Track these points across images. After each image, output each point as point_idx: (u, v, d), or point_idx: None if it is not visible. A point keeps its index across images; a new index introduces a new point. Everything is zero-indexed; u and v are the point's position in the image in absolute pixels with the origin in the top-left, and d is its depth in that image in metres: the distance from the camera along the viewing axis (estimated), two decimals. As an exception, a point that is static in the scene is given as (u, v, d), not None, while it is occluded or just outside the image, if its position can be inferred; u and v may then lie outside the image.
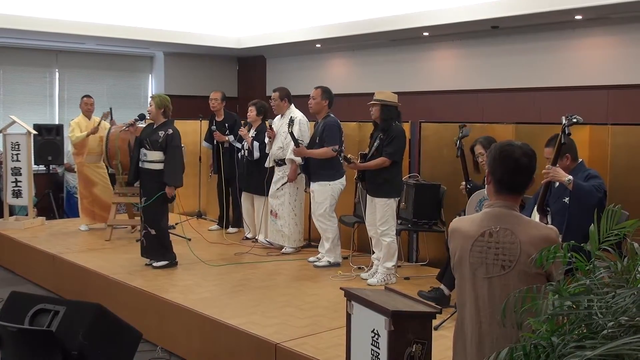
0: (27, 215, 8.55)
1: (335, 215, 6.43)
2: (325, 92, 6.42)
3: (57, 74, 11.06)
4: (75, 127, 8.02)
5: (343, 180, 6.41)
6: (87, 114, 8.16)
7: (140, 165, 6.24)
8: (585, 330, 1.68)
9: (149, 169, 6.18)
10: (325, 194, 6.31)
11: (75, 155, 8.19)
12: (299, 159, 6.55)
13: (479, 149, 5.09)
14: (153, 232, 6.15)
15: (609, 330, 1.59)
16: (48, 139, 9.75)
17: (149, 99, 6.49)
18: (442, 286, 5.12)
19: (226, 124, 7.85)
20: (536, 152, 2.69)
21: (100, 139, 7.95)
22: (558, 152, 4.26)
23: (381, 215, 5.65)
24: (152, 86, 12.09)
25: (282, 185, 6.82)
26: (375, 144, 5.69)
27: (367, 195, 5.86)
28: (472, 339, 2.60)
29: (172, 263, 6.23)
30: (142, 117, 6.95)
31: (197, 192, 8.83)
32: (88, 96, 8.27)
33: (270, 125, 6.94)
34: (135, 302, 5.51)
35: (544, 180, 4.25)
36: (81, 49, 11.00)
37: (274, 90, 7.00)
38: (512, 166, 2.60)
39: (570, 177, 4.21)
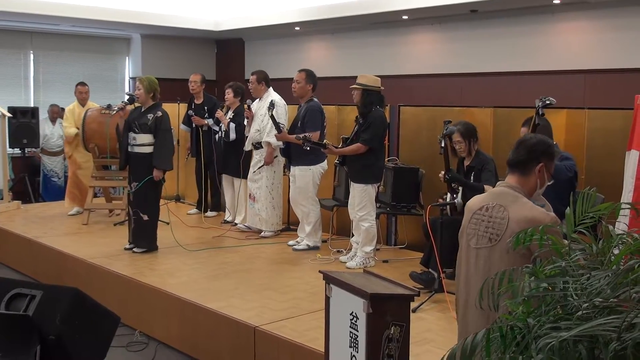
0: (2, 199, 8.46)
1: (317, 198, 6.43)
2: (310, 75, 6.34)
3: (31, 55, 10.89)
4: (69, 116, 8.03)
5: (324, 164, 6.38)
6: (82, 102, 8.12)
7: (129, 149, 6.15)
8: (560, 312, 1.70)
9: (139, 153, 6.10)
10: (306, 178, 6.29)
11: (66, 143, 8.26)
12: (280, 143, 6.51)
13: (456, 137, 5.09)
14: (145, 217, 6.07)
15: (584, 312, 1.62)
16: (23, 122, 9.60)
17: (137, 82, 6.26)
18: (430, 269, 5.14)
19: (205, 107, 7.79)
20: (516, 136, 2.78)
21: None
22: (533, 133, 4.30)
23: (359, 201, 5.65)
24: (129, 69, 11.95)
25: (259, 168, 6.80)
26: (355, 128, 5.68)
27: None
28: (460, 308, 2.78)
29: (152, 248, 6.20)
30: (131, 100, 6.61)
31: (176, 176, 8.77)
32: (82, 84, 8.21)
33: (248, 106, 6.89)
34: (113, 286, 5.48)
35: None
36: (56, 30, 10.82)
37: (252, 74, 6.95)
38: (516, 143, 2.78)
39: None
